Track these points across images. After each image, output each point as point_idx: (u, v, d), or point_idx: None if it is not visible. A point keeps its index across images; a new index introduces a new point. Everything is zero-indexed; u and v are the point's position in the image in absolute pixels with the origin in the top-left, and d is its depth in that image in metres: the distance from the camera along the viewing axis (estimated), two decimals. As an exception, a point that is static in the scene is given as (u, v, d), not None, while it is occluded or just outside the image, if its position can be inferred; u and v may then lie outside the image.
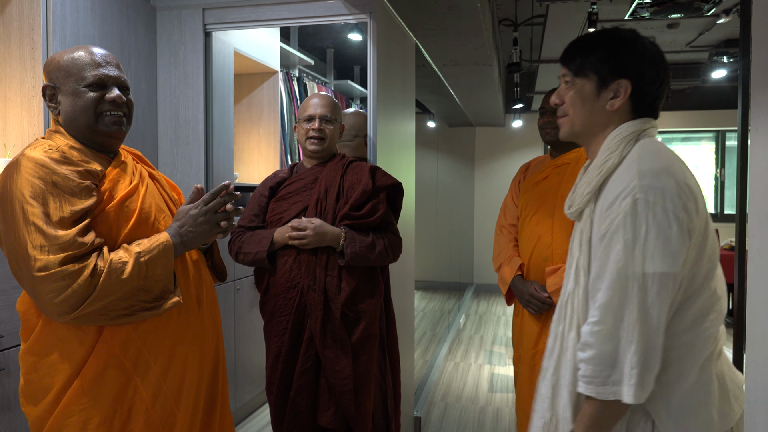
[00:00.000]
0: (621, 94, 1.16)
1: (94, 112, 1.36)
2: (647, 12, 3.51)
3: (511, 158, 7.51)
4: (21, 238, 1.21)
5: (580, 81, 1.20)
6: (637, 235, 1.03)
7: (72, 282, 1.20)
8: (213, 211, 1.41)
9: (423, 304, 6.77)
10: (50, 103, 1.40)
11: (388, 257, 1.98)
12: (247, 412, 3.27)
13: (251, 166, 3.65)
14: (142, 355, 1.33)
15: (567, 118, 1.23)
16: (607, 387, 1.04)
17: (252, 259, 1.98)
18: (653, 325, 1.02)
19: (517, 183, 2.47)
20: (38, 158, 1.26)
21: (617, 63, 1.16)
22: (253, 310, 3.25)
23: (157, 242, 1.33)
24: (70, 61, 1.37)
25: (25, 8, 2.11)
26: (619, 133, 1.16)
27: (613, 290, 1.04)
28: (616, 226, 1.06)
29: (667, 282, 1.03)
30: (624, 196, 1.06)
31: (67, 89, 1.37)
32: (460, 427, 3.26)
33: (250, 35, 3.23)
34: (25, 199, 1.22)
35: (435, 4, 2.77)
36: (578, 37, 1.25)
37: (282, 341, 1.96)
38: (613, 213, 1.07)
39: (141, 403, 1.33)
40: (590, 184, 1.17)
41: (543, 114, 2.29)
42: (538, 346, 2.23)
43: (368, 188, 1.97)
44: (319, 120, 2.02)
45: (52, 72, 1.38)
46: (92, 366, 1.30)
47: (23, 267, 1.22)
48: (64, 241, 1.21)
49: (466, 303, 6.77)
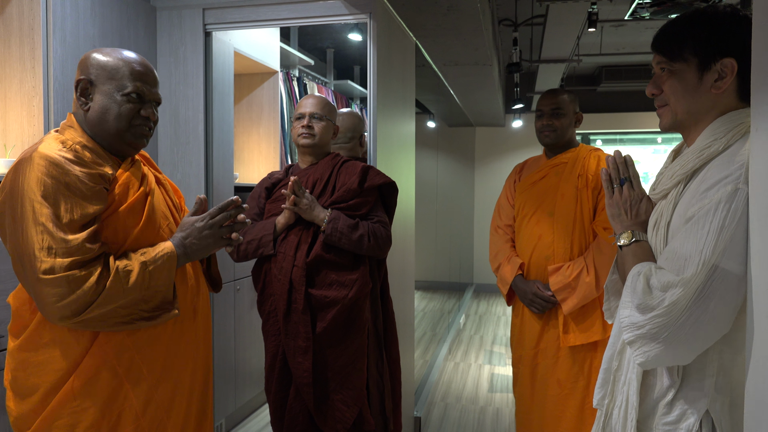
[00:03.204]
0: (727, 75, 1.08)
1: (128, 123, 1.36)
2: (647, 12, 3.51)
3: (511, 158, 7.51)
4: (28, 237, 1.19)
5: (679, 66, 1.12)
6: (725, 225, 0.98)
7: (77, 288, 1.19)
8: (218, 225, 1.41)
9: (423, 304, 6.77)
10: (81, 96, 1.37)
11: (369, 242, 1.95)
12: (247, 412, 3.27)
13: (251, 166, 3.65)
14: (135, 362, 1.32)
15: (667, 108, 1.16)
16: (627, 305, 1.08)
17: (257, 244, 1.98)
18: (695, 314, 0.99)
19: (512, 183, 2.46)
20: (52, 156, 1.24)
21: (718, 42, 1.08)
22: (253, 310, 3.25)
23: (162, 252, 1.32)
24: (116, 64, 1.36)
25: (25, 8, 2.11)
26: (729, 120, 1.09)
27: (679, 266, 1.01)
28: (706, 211, 1.01)
29: (732, 281, 0.98)
30: (726, 183, 1.00)
31: (104, 90, 1.35)
32: (460, 427, 3.26)
33: (250, 35, 3.23)
34: (36, 198, 1.20)
35: (435, 4, 2.77)
36: (669, 20, 1.16)
37: (279, 341, 1.96)
38: (709, 197, 1.02)
39: (131, 410, 1.32)
40: (684, 167, 1.11)
41: (540, 116, 2.28)
42: (539, 346, 2.23)
43: (353, 186, 1.99)
44: (308, 117, 2.05)
45: (92, 68, 1.36)
46: (86, 368, 1.28)
47: (28, 267, 1.20)
48: (73, 246, 1.20)
49: (466, 303, 6.77)
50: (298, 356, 1.89)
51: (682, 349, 1.03)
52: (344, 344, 1.94)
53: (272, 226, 1.99)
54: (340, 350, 1.93)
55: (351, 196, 2.00)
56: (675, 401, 1.09)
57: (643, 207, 1.22)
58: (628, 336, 1.08)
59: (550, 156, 2.33)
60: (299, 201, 1.93)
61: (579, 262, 2.12)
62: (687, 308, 1.00)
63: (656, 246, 1.14)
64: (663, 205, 1.15)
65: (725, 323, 1.01)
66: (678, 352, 1.03)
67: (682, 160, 1.13)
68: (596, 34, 5.21)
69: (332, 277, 1.93)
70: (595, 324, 2.12)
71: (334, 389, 1.92)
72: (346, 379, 1.93)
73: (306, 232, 1.97)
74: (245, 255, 2.02)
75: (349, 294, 1.91)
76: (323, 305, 1.91)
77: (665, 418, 1.10)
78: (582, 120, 2.31)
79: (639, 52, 5.86)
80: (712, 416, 1.06)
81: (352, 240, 1.92)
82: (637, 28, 5.14)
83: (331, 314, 1.90)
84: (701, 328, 1.00)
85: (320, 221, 1.93)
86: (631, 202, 1.22)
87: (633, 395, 1.14)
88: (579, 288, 2.09)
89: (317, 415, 1.91)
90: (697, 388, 1.07)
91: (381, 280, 2.14)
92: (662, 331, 1.02)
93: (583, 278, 2.09)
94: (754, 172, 0.92)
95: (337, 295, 1.91)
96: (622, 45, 5.73)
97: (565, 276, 2.12)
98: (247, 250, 2.01)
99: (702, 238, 1.00)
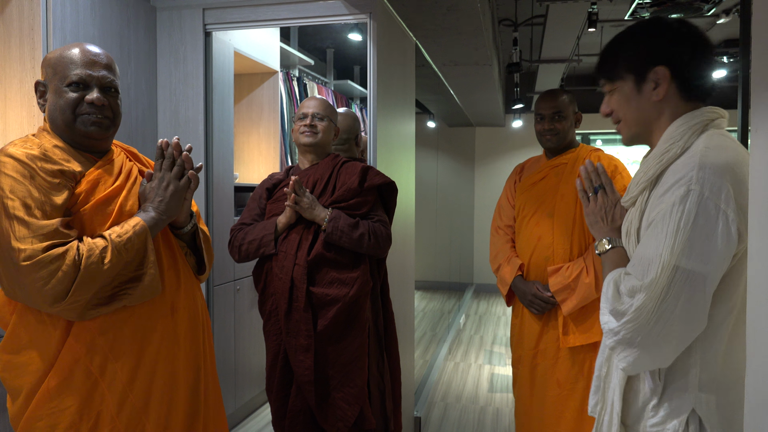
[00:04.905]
0: (661, 82, 1.13)
1: (72, 113, 1.34)
2: (647, 12, 3.51)
3: (511, 158, 7.51)
4: (3, 232, 1.21)
5: (619, 84, 1.19)
6: (680, 227, 1.01)
7: (61, 265, 1.20)
8: (177, 177, 1.40)
9: (423, 304, 6.77)
10: (39, 100, 1.38)
11: (369, 241, 1.95)
12: (247, 412, 3.27)
13: (251, 166, 3.65)
14: (108, 361, 1.31)
15: (623, 124, 1.22)
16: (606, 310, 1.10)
17: (258, 244, 1.98)
18: (664, 316, 1.01)
19: (513, 184, 2.45)
20: (16, 153, 1.27)
21: (646, 53, 1.14)
22: (253, 310, 3.25)
23: (129, 225, 1.31)
24: (59, 58, 1.35)
25: (25, 8, 2.11)
26: (683, 122, 1.13)
27: (643, 271, 1.04)
28: (662, 215, 1.04)
29: (695, 280, 1.00)
30: (680, 185, 1.04)
31: (52, 87, 1.36)
32: (460, 427, 3.26)
33: (250, 35, 3.24)
34: (5, 194, 1.22)
35: (435, 4, 2.76)
36: (606, 45, 1.24)
37: (280, 340, 1.96)
38: (665, 200, 1.05)
39: (107, 411, 1.30)
40: (647, 173, 1.14)
41: (541, 120, 2.26)
42: (539, 347, 2.22)
43: (354, 186, 1.99)
44: (311, 117, 2.06)
45: (43, 69, 1.38)
46: (60, 368, 1.28)
47: (8, 260, 1.21)
48: (48, 231, 1.22)
49: (466, 303, 6.77)
50: (300, 354, 1.90)
51: (658, 351, 1.05)
52: (345, 342, 1.94)
53: (273, 226, 1.99)
54: (342, 348, 1.93)
55: (351, 196, 2.00)
56: (660, 403, 1.11)
57: (618, 212, 1.26)
58: (609, 342, 1.11)
59: (550, 156, 2.33)
60: (300, 200, 1.93)
61: (578, 263, 2.12)
62: (654, 311, 1.03)
63: (630, 253, 1.17)
64: (632, 213, 1.19)
65: (698, 322, 1.03)
66: (655, 354, 1.06)
67: (645, 167, 1.17)
68: (596, 34, 5.21)
69: (333, 276, 1.93)
70: (594, 325, 2.12)
71: (335, 387, 1.92)
72: (347, 377, 1.93)
73: (307, 231, 1.97)
74: (246, 255, 2.03)
75: (350, 292, 1.92)
76: (324, 303, 1.92)
77: (651, 420, 1.11)
78: (581, 119, 2.30)
79: (639, 52, 5.85)
80: (699, 415, 1.07)
81: (353, 238, 1.92)
82: (637, 28, 5.13)
83: (333, 312, 1.90)
84: (673, 328, 1.02)
85: (321, 220, 1.94)
86: (605, 209, 1.27)
87: (617, 401, 1.16)
88: (578, 289, 2.09)
89: (319, 414, 1.91)
90: (681, 388, 1.09)
91: (381, 280, 2.14)
92: (635, 336, 1.05)
93: (582, 279, 2.08)
94: (754, 172, 0.92)
95: (338, 293, 1.91)
96: (622, 45, 5.72)
97: (565, 277, 2.11)
98: (249, 250, 2.01)
99: (660, 242, 1.03)
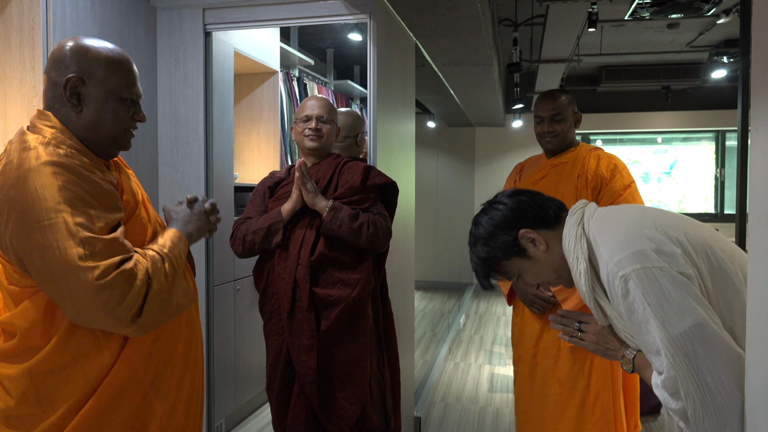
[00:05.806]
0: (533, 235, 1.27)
1: (125, 128, 1.32)
2: (647, 12, 3.52)
3: (511, 158, 7.50)
4: (65, 251, 1.09)
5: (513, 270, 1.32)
6: (647, 307, 1.06)
7: (134, 280, 1.14)
8: (206, 213, 1.44)
9: (423, 304, 6.77)
10: (71, 97, 1.24)
11: (368, 231, 1.93)
12: (247, 412, 3.27)
13: (251, 166, 3.65)
14: (159, 371, 1.29)
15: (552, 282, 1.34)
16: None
17: (266, 232, 1.97)
18: (707, 380, 1.01)
19: (513, 183, 2.45)
20: (64, 163, 1.15)
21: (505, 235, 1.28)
22: (253, 310, 3.25)
23: (173, 237, 1.32)
24: (111, 64, 1.27)
25: (25, 8, 2.11)
26: (565, 239, 1.25)
27: (669, 360, 1.05)
28: (627, 311, 1.10)
29: (696, 333, 1.02)
30: (615, 285, 1.11)
31: (99, 92, 1.26)
32: (460, 427, 3.26)
33: (250, 35, 3.23)
34: (63, 209, 1.11)
35: (435, 4, 2.76)
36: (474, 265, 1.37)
37: (282, 339, 1.96)
38: (615, 299, 1.13)
39: (156, 418, 1.28)
40: (586, 294, 1.21)
41: (540, 122, 2.25)
42: (540, 345, 2.23)
43: (356, 184, 1.99)
44: (316, 120, 2.04)
45: (84, 64, 1.24)
46: (110, 385, 1.21)
47: (73, 282, 1.10)
48: (115, 245, 1.15)
49: (466, 303, 6.77)
50: (303, 354, 1.90)
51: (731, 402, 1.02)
52: (348, 342, 1.94)
53: (279, 214, 1.97)
54: (344, 348, 1.93)
55: (353, 193, 2.00)
56: None
57: (607, 329, 1.30)
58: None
59: (549, 156, 2.33)
60: (306, 183, 1.92)
61: (579, 263, 2.12)
62: (697, 386, 1.02)
63: (631, 333, 1.20)
64: (594, 313, 1.24)
65: (732, 355, 1.02)
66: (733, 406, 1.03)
67: (579, 289, 1.23)
68: (596, 34, 5.21)
69: (336, 276, 1.93)
70: (595, 324, 2.12)
71: (337, 387, 1.92)
72: (349, 377, 1.93)
73: (309, 230, 1.96)
74: (252, 246, 1.99)
75: (353, 293, 1.92)
76: (327, 304, 1.91)
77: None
78: (581, 119, 2.29)
79: (639, 52, 5.86)
80: None
81: (352, 228, 1.91)
82: (637, 28, 5.14)
83: (336, 313, 1.90)
84: (722, 380, 1.01)
85: (321, 209, 1.93)
86: (598, 335, 1.31)
87: None
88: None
89: (321, 413, 1.91)
90: None
91: (381, 280, 2.14)
92: (707, 413, 1.03)
93: (583, 278, 2.08)
94: (754, 172, 0.92)
95: (341, 294, 1.91)
96: (622, 45, 5.73)
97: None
98: (254, 240, 1.98)
99: (649, 333, 1.07)
